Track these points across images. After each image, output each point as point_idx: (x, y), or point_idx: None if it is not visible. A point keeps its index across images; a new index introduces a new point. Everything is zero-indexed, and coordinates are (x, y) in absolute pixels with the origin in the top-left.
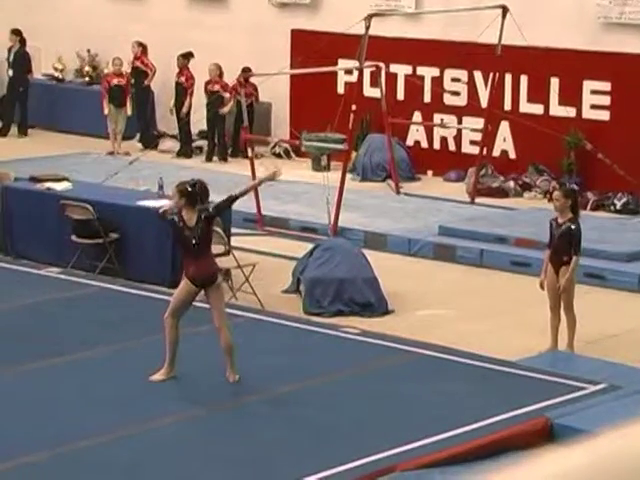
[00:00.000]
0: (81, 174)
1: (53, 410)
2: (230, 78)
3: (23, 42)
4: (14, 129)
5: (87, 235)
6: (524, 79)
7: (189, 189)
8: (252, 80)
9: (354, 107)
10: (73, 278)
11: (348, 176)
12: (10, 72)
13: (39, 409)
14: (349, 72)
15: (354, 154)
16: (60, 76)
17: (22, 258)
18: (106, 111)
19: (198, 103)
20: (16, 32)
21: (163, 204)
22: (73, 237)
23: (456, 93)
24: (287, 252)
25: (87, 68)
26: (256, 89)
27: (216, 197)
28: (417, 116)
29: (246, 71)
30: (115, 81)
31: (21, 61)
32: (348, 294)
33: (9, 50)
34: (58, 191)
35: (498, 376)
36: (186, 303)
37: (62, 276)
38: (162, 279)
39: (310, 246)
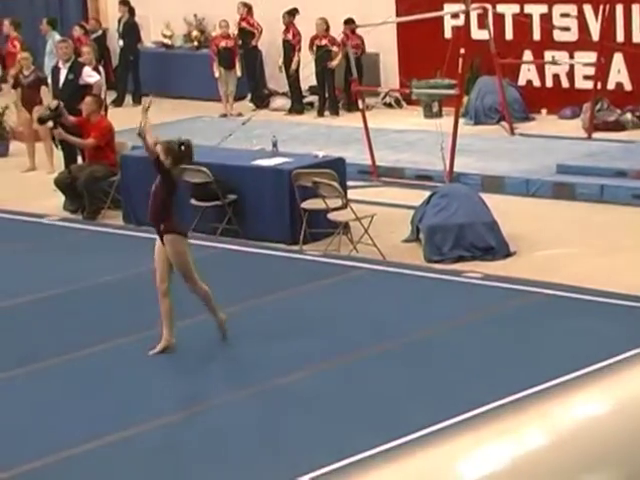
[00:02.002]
0: (196, 138)
1: (184, 366)
2: (336, 32)
3: (132, 12)
4: (128, 98)
5: (206, 198)
6: (636, 8)
7: (176, 149)
8: (358, 32)
9: (463, 51)
10: (194, 241)
11: (461, 121)
12: (121, 42)
13: (171, 368)
14: (455, 16)
15: (465, 98)
16: (169, 43)
17: (144, 225)
18: (216, 74)
19: (306, 59)
20: (124, 2)
21: (276, 161)
22: (192, 201)
23: (566, 29)
24: (404, 201)
25: (195, 33)
26: (362, 41)
27: (336, 152)
28: (527, 55)
29: (349, 22)
30: (223, 43)
31: (131, 31)
32: (468, 239)
33: (119, 21)
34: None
35: (628, 312)
36: (191, 265)
37: None
38: (282, 237)
39: (427, 194)
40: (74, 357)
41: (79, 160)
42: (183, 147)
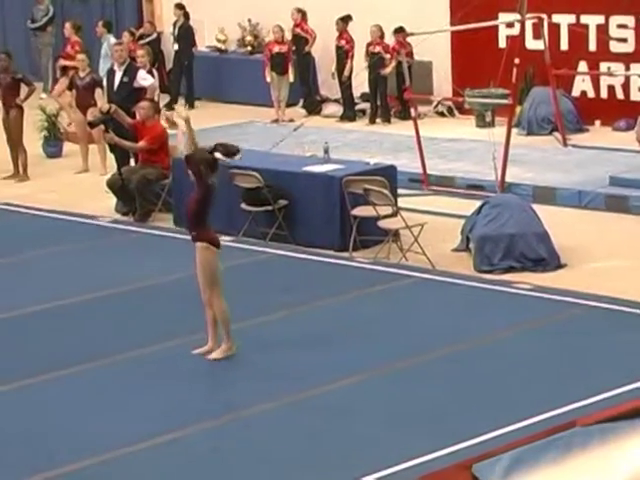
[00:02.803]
0: (247, 143)
1: (228, 374)
2: (390, 39)
3: (187, 16)
4: (181, 102)
5: (256, 203)
6: None
7: (207, 156)
8: (409, 39)
9: (517, 60)
10: (244, 246)
11: (513, 131)
12: (175, 46)
13: (217, 375)
14: (510, 25)
15: (519, 108)
16: (223, 47)
17: None
18: (268, 79)
19: (359, 66)
20: (180, 6)
21: (327, 168)
22: (243, 205)
23: (623, 40)
24: (455, 210)
25: (249, 38)
26: (412, 49)
27: (387, 159)
28: (582, 66)
29: (399, 31)
30: (276, 49)
31: (185, 35)
32: (519, 250)
33: (174, 24)
34: (227, 161)
35: None
36: (218, 275)
37: (233, 244)
38: (331, 243)
39: (478, 203)
40: (121, 359)
41: (131, 162)
42: (215, 153)
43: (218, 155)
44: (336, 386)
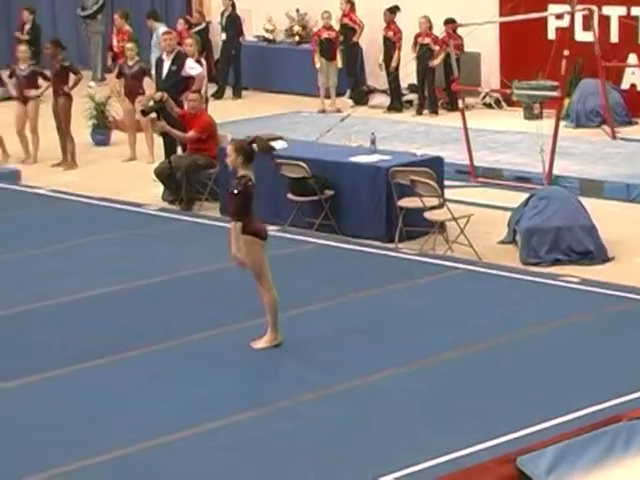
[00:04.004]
0: (294, 133)
1: (269, 366)
2: (438, 30)
3: (234, 5)
4: (229, 91)
5: (302, 193)
6: None
7: (245, 145)
8: (458, 31)
9: (566, 52)
10: (290, 235)
11: (562, 123)
12: (223, 35)
13: (251, 365)
14: (560, 17)
15: (567, 100)
16: (270, 37)
17: None
18: (317, 65)
19: (406, 57)
20: None
21: (373, 158)
22: (289, 195)
23: None
24: (501, 202)
25: (296, 27)
26: (462, 40)
27: (434, 151)
28: (632, 58)
29: (449, 22)
30: (325, 34)
31: (233, 24)
32: (566, 243)
33: (222, 14)
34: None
35: None
36: (265, 266)
37: (279, 234)
38: (377, 234)
39: (524, 196)
40: (166, 346)
41: (179, 151)
42: (253, 144)
43: (255, 147)
44: (379, 377)
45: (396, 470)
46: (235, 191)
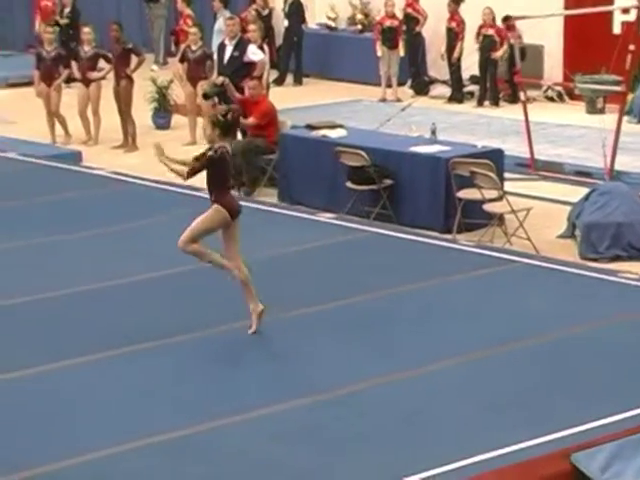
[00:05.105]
0: (354, 121)
1: (326, 354)
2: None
3: None
4: (290, 78)
5: (361, 181)
6: None
7: (221, 118)
8: (519, 23)
9: (632, 47)
10: (347, 224)
11: (624, 118)
12: (286, 22)
13: (309, 353)
14: (626, 11)
15: (630, 96)
16: (333, 25)
17: (298, 204)
18: (379, 53)
19: (468, 48)
20: None
21: (433, 149)
22: (348, 184)
23: None
24: (561, 196)
25: (359, 16)
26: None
27: (494, 143)
28: None
29: (506, 20)
30: (388, 23)
31: (296, 11)
32: (626, 239)
33: (285, 1)
34: (333, 138)
35: None
36: (210, 232)
37: (336, 222)
38: (435, 225)
39: (585, 190)
40: (214, 332)
41: (239, 137)
42: (228, 116)
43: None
44: (433, 368)
45: (447, 463)
46: (210, 153)
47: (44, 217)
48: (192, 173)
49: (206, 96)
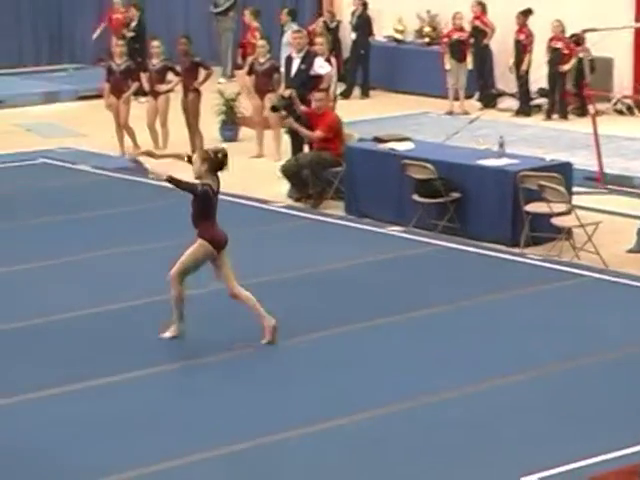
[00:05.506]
0: (421, 134)
1: (394, 366)
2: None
3: (365, 5)
4: (357, 91)
5: (428, 194)
6: None
7: (212, 155)
8: (589, 35)
9: None
10: (414, 237)
11: None
12: (353, 35)
13: (377, 365)
14: None
15: None
16: (400, 37)
17: (365, 217)
18: (447, 66)
19: (537, 60)
20: None
21: (501, 162)
22: (415, 196)
23: None
24: (631, 210)
25: (427, 29)
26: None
27: (563, 156)
28: None
29: (573, 36)
30: (456, 35)
31: (363, 24)
32: None
33: (353, 13)
34: (400, 151)
35: None
36: (198, 266)
37: (404, 235)
38: (503, 238)
39: None
40: (286, 345)
41: (305, 149)
42: (219, 155)
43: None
44: (502, 382)
45: (520, 475)
46: (196, 185)
47: (119, 228)
48: (173, 180)
49: (274, 109)
